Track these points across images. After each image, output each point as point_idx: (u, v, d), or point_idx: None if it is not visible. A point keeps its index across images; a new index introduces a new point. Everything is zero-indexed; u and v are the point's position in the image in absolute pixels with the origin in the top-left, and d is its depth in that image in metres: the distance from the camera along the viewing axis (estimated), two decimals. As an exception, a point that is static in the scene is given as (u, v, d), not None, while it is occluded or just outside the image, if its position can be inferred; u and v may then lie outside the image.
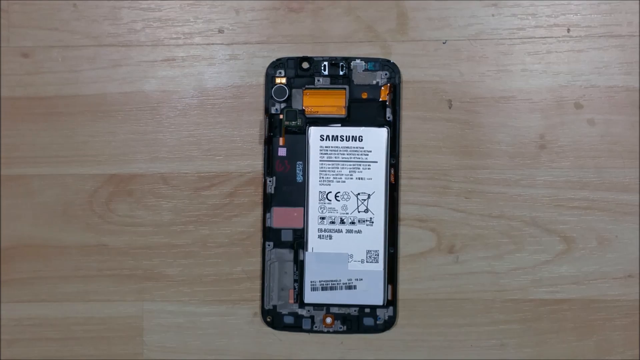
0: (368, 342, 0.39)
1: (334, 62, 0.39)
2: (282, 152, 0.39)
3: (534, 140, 0.39)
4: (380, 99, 0.38)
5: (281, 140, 0.39)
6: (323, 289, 0.38)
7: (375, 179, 0.38)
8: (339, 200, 0.38)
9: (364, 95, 0.38)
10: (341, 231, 0.38)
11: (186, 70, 0.39)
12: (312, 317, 0.39)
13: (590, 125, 0.39)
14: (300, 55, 0.39)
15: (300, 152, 0.39)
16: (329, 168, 0.38)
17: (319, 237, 0.38)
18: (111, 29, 0.40)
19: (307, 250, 0.38)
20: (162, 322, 0.39)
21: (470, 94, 0.39)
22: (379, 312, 0.39)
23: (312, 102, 0.38)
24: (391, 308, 0.39)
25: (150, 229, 0.39)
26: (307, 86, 0.39)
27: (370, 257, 0.38)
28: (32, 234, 0.39)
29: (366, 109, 0.38)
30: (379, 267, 0.38)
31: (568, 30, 0.39)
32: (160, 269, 0.39)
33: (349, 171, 0.38)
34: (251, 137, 0.39)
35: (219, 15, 0.40)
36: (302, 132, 0.38)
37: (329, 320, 0.39)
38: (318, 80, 0.39)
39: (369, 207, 0.38)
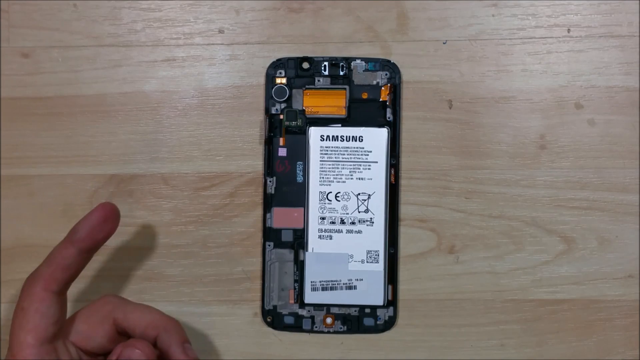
0: (368, 342, 0.39)
1: (334, 62, 0.39)
2: (282, 152, 0.39)
3: (534, 140, 0.39)
4: (381, 99, 0.38)
5: (281, 141, 0.39)
6: (323, 289, 0.38)
7: (376, 179, 0.38)
8: (339, 201, 0.38)
9: (364, 96, 0.38)
10: (341, 231, 0.38)
11: (186, 71, 0.39)
12: (312, 318, 0.39)
13: (590, 126, 0.39)
14: (301, 55, 0.39)
15: (300, 152, 0.39)
16: (329, 168, 0.38)
17: (319, 237, 0.38)
18: (111, 29, 0.40)
19: (307, 250, 0.38)
20: (162, 322, 0.39)
21: (471, 94, 0.39)
22: (379, 312, 0.39)
23: (312, 102, 0.38)
24: (391, 308, 0.39)
25: (151, 229, 0.39)
26: (307, 86, 0.39)
27: (370, 257, 0.38)
28: (32, 234, 0.39)
29: (366, 109, 0.38)
30: (379, 267, 0.38)
31: (568, 31, 0.39)
32: (160, 269, 0.39)
33: (349, 171, 0.38)
34: (251, 137, 0.39)
35: (219, 15, 0.40)
36: (303, 132, 0.38)
37: (329, 320, 0.39)
38: (318, 81, 0.39)
39: (369, 207, 0.38)
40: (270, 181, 0.39)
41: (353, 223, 0.38)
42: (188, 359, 0.33)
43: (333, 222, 0.38)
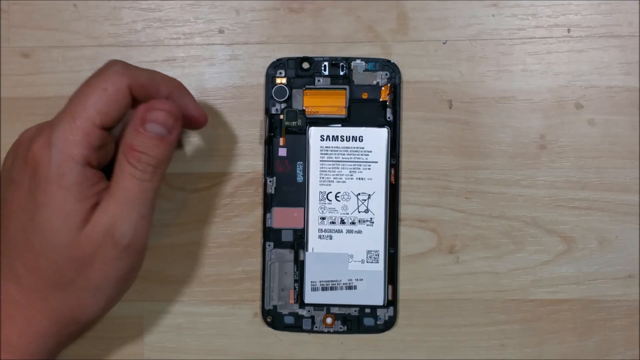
0: (368, 342, 0.39)
1: (334, 63, 0.39)
2: (282, 152, 0.39)
3: (534, 140, 0.39)
4: (381, 99, 0.38)
5: (281, 141, 0.39)
6: (323, 289, 0.38)
7: (376, 179, 0.38)
8: (339, 201, 0.38)
9: (364, 96, 0.38)
10: (341, 231, 0.38)
11: (186, 71, 0.39)
12: (312, 318, 0.39)
13: (590, 126, 0.39)
14: (301, 55, 0.39)
15: (300, 152, 0.39)
16: (329, 168, 0.38)
17: (319, 237, 0.38)
18: (111, 29, 0.40)
19: (307, 250, 0.38)
20: (162, 322, 0.39)
21: (471, 94, 0.39)
22: (379, 312, 0.39)
23: (312, 102, 0.38)
24: (391, 308, 0.39)
25: (151, 229, 0.39)
26: (307, 86, 0.39)
27: (370, 257, 0.38)
28: (32, 234, 0.39)
29: (366, 109, 0.38)
30: (379, 267, 0.38)
31: (568, 31, 0.39)
32: (160, 269, 0.39)
33: (349, 171, 0.38)
34: (251, 137, 0.39)
35: (219, 15, 0.39)
36: (303, 133, 0.39)
37: (329, 320, 0.39)
38: (318, 81, 0.39)
39: (369, 207, 0.38)
40: (270, 181, 0.39)
41: (353, 223, 0.38)
42: (204, 115, 0.35)
43: (333, 222, 0.38)
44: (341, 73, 0.38)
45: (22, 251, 0.31)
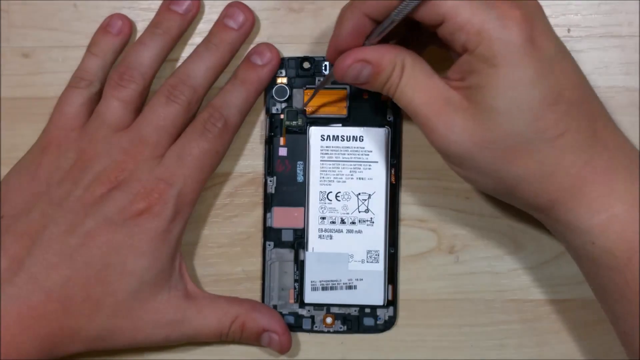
0: (368, 342, 0.39)
1: (334, 62, 0.38)
2: (282, 152, 0.39)
3: (534, 140, 0.39)
4: (381, 99, 0.38)
5: (282, 140, 0.39)
6: (323, 289, 0.38)
7: (376, 179, 0.38)
8: (339, 200, 0.38)
9: (365, 96, 0.38)
10: (341, 231, 0.38)
11: (187, 70, 0.39)
12: (312, 317, 0.39)
13: (590, 126, 0.38)
14: (301, 55, 0.39)
15: (301, 152, 0.39)
16: (329, 168, 0.38)
17: (320, 237, 0.38)
18: (112, 28, 0.39)
19: (307, 250, 0.38)
20: (162, 322, 0.39)
21: (471, 94, 0.39)
22: (379, 312, 0.39)
23: (313, 102, 0.38)
24: (391, 308, 0.39)
25: (151, 229, 0.39)
26: (308, 86, 0.39)
27: (370, 257, 0.38)
28: (32, 234, 0.39)
29: (367, 109, 0.38)
30: (380, 267, 0.38)
31: (568, 31, 0.39)
32: (160, 269, 0.39)
33: (350, 171, 0.38)
34: (251, 137, 0.39)
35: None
36: (303, 132, 0.39)
37: (329, 320, 0.39)
38: (319, 80, 0.39)
39: (369, 207, 0.38)
40: (270, 181, 0.39)
41: (353, 223, 0.38)
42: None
43: (333, 222, 0.38)
44: (341, 73, 0.38)
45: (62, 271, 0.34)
